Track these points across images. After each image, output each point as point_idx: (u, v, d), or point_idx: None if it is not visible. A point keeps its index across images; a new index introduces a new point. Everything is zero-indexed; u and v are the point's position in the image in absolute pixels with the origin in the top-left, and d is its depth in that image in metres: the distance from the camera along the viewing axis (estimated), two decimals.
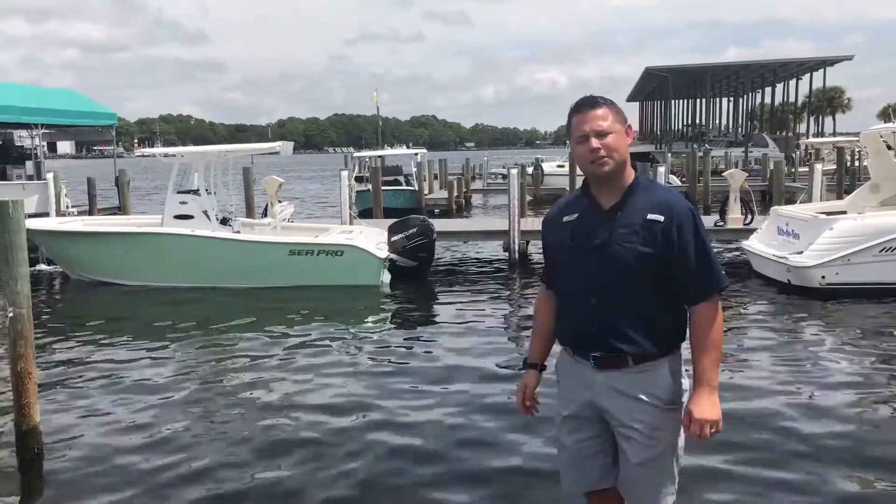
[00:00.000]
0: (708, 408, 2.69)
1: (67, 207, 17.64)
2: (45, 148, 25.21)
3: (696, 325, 2.74)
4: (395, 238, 12.72)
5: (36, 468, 5.23)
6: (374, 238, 13.08)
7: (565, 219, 2.86)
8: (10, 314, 5.15)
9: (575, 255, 2.79)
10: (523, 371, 3.10)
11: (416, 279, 12.84)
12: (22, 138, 25.75)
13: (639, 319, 2.72)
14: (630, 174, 2.80)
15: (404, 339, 9.15)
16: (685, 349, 2.82)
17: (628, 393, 2.75)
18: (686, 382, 2.84)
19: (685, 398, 2.82)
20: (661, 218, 2.69)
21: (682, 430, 2.82)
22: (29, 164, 21.41)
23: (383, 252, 12.40)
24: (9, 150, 21.78)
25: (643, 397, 2.74)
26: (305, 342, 8.90)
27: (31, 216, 12.72)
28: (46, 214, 16.32)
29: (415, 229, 12.80)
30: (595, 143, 2.70)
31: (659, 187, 2.89)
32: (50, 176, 17.41)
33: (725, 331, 8.70)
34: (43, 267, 14.23)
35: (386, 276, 12.29)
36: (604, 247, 2.71)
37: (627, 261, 2.68)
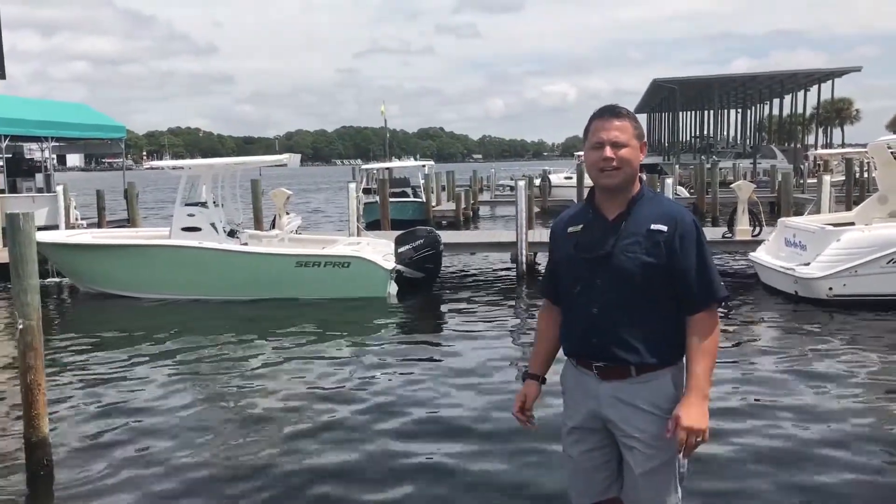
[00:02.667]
0: (696, 415, 2.65)
1: (77, 220, 17.76)
2: (55, 161, 25.41)
3: (692, 334, 2.74)
4: (401, 249, 12.74)
5: (45, 480, 5.24)
6: (380, 249, 13.11)
7: (570, 230, 2.89)
8: (21, 326, 5.18)
9: (579, 265, 2.81)
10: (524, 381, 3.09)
11: (424, 291, 12.85)
12: (32, 151, 26.00)
13: (641, 329, 2.73)
14: (636, 187, 2.83)
15: (411, 351, 9.15)
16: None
17: (631, 403, 2.76)
18: None
19: None
20: (665, 228, 2.71)
21: None
22: (39, 177, 21.60)
23: (390, 263, 12.42)
24: (19, 162, 21.98)
25: (646, 407, 2.75)
26: (312, 354, 8.91)
27: (40, 229, 12.83)
28: (56, 227, 16.44)
29: (421, 241, 12.82)
30: (609, 152, 2.72)
31: (663, 199, 2.92)
32: (59, 188, 17.56)
33: (734, 343, 8.75)
34: (53, 280, 14.29)
35: (393, 288, 12.31)
36: (608, 257, 2.73)
37: (631, 271, 2.70)
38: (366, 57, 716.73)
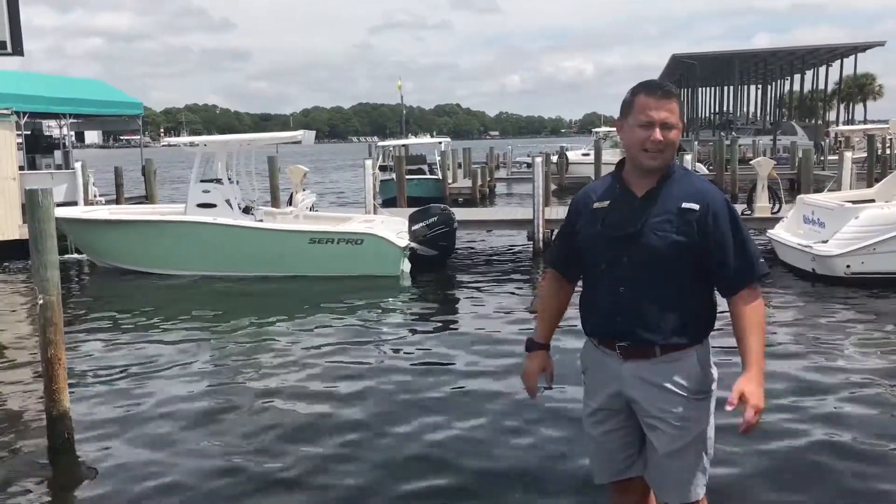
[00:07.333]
0: (761, 393, 2.60)
1: (95, 196, 17.89)
2: (73, 137, 25.51)
3: (740, 314, 2.67)
4: (415, 227, 12.73)
5: (66, 453, 5.31)
6: (394, 227, 13.11)
7: (595, 205, 2.81)
8: (40, 301, 5.24)
9: (606, 242, 2.74)
10: (529, 353, 3.04)
11: (438, 269, 12.86)
12: (50, 128, 26.17)
13: (667, 309, 2.68)
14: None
15: (423, 329, 9.16)
16: (712, 338, 2.81)
17: (655, 382, 2.72)
18: (715, 372, 2.81)
19: (714, 388, 2.79)
20: (696, 207, 2.65)
21: (712, 421, 2.78)
22: (57, 154, 21.75)
23: (403, 241, 12.42)
24: (38, 139, 22.12)
25: (670, 387, 2.71)
26: (325, 331, 8.96)
27: (59, 205, 12.94)
28: (75, 203, 16.57)
29: (435, 218, 12.80)
30: (660, 135, 2.65)
31: (694, 176, 2.84)
32: (78, 165, 17.67)
33: None
34: (72, 256, 14.43)
35: (406, 266, 12.32)
36: (637, 235, 2.67)
37: (661, 250, 2.64)
38: (380, 32, 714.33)
